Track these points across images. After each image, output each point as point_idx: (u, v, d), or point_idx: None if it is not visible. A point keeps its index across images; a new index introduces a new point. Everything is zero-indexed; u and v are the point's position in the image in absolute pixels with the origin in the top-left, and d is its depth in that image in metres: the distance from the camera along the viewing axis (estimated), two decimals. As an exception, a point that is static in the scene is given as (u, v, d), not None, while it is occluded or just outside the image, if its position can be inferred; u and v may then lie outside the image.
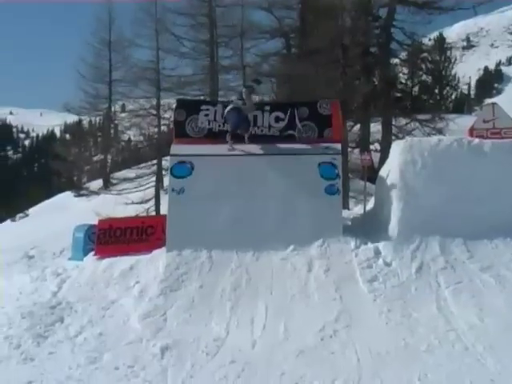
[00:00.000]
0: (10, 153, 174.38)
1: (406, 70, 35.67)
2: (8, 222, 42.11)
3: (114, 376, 9.22)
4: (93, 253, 15.02)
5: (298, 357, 9.50)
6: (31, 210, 42.81)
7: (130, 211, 27.74)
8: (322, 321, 10.50)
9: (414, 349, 9.44)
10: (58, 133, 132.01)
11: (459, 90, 58.39)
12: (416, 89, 36.30)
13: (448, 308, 10.70)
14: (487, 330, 9.87)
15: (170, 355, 9.81)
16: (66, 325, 11.17)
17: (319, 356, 9.48)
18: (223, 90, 33.99)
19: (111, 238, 15.00)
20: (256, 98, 14.61)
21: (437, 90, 39.10)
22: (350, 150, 28.08)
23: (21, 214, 42.59)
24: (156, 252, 13.63)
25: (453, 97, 47.69)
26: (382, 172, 14.89)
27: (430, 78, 36.98)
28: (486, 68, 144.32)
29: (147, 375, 9.18)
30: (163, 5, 34.56)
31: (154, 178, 33.12)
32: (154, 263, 13.14)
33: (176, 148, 14.36)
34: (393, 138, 28.42)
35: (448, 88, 42.22)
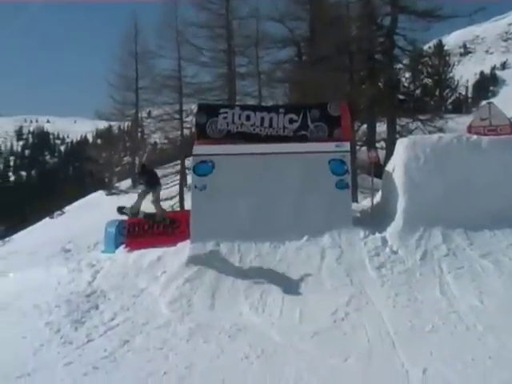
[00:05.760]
0: (48, 157, 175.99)
1: (408, 74, 35.52)
2: (47, 219, 42.33)
3: (144, 357, 9.26)
4: (124, 246, 15.09)
5: (313, 338, 9.48)
6: (67, 208, 43.01)
7: (157, 208, 27.72)
8: (334, 305, 10.49)
9: (419, 329, 9.41)
10: (90, 138, 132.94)
11: (458, 92, 57.86)
12: (418, 91, 36.09)
13: (450, 291, 10.66)
14: (487, 310, 9.83)
15: (195, 338, 9.82)
16: (101, 311, 11.23)
17: (332, 337, 9.47)
18: (240, 95, 34.12)
19: (140, 232, 15.03)
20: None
21: (437, 92, 38.86)
22: (357, 147, 27.91)
23: (58, 212, 42.79)
24: (181, 244, 13.65)
25: (452, 98, 47.34)
26: (388, 168, 14.82)
27: (430, 81, 36.82)
28: (481, 72, 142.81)
29: (175, 356, 9.20)
30: (184, 19, 34.68)
31: (178, 177, 33.25)
32: (179, 254, 13.16)
33: (198, 148, 14.34)
34: (397, 136, 28.18)
35: (447, 90, 41.94)
